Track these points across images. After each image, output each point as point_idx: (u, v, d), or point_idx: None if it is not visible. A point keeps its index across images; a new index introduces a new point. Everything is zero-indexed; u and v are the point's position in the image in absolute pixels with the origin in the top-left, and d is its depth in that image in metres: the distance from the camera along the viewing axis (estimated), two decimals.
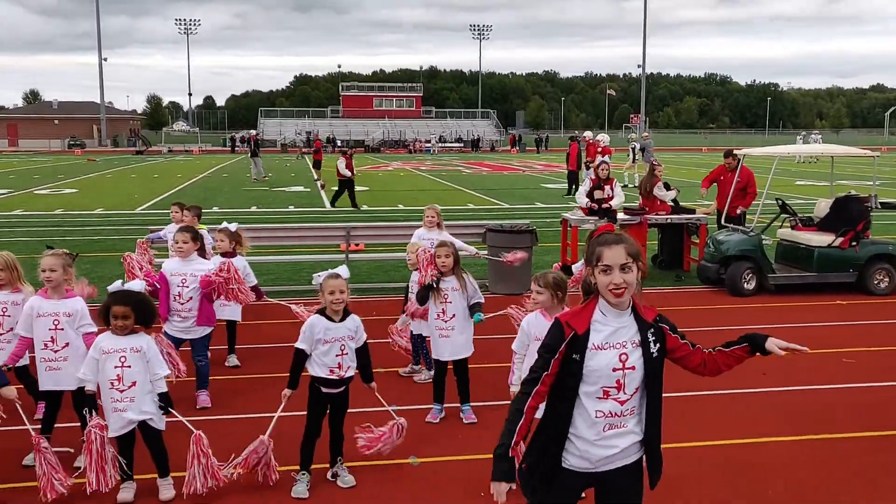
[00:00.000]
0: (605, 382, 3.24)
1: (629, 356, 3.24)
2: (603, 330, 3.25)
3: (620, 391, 3.24)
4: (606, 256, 3.18)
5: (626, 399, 3.26)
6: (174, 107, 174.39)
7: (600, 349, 3.23)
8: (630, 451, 3.36)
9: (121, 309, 5.14)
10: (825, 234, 11.53)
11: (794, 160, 45.36)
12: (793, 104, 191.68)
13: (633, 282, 3.20)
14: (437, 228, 9.15)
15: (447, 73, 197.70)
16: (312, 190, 29.95)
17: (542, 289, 5.38)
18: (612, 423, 3.27)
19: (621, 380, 3.23)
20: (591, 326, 3.25)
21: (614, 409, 3.26)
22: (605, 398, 3.25)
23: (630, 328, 3.27)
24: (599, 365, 3.22)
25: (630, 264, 3.19)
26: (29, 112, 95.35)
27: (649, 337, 3.29)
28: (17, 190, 30.08)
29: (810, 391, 7.50)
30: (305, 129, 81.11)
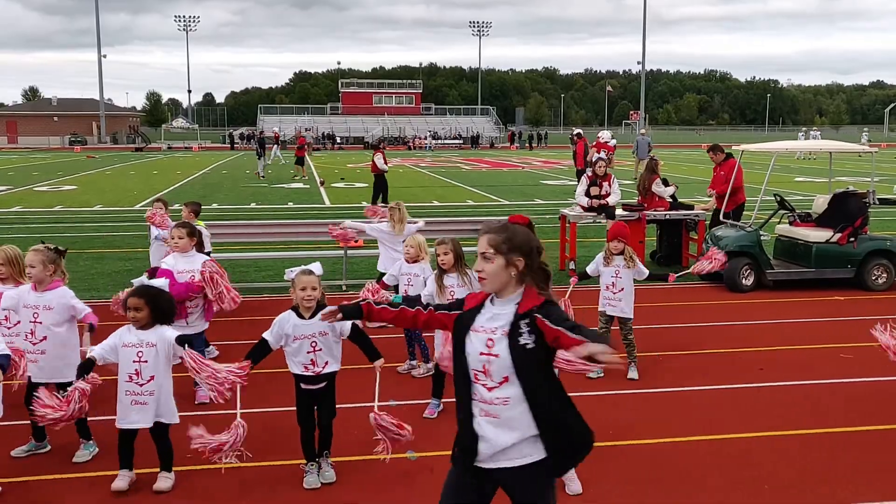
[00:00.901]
0: (474, 365, 3.30)
1: (495, 343, 3.27)
2: (484, 314, 3.35)
3: (487, 377, 3.27)
4: (479, 245, 3.32)
5: (493, 387, 3.27)
6: (174, 104, 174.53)
7: (475, 331, 3.33)
8: (520, 450, 3.29)
9: (134, 300, 5.21)
10: (823, 229, 11.53)
11: (793, 156, 45.36)
12: (793, 101, 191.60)
13: (492, 272, 3.26)
14: (401, 225, 9.35)
15: (447, 69, 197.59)
16: (312, 187, 29.94)
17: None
18: (485, 410, 3.30)
19: (487, 366, 3.27)
20: (478, 308, 3.38)
21: (483, 395, 3.30)
22: (475, 381, 3.32)
23: (506, 317, 3.29)
24: (472, 347, 3.32)
25: (490, 254, 3.25)
26: (28, 109, 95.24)
27: (521, 327, 3.25)
28: (17, 186, 30.08)
29: (808, 386, 7.51)
30: (305, 126, 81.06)
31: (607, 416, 6.70)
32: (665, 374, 7.84)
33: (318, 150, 61.80)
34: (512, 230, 3.32)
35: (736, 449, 6.03)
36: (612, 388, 7.41)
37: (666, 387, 7.47)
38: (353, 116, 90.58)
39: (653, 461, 5.82)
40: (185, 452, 5.76)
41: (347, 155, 59.21)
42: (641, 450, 6.02)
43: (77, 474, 5.58)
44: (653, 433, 6.32)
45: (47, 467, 5.70)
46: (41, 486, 5.43)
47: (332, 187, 29.56)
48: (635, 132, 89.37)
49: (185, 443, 5.06)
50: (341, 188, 29.67)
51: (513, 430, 3.28)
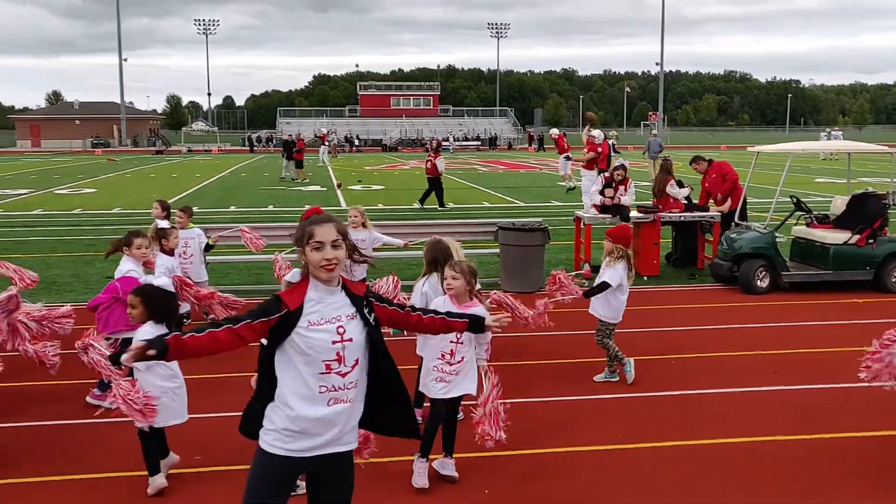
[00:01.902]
0: (325, 356, 3.32)
1: (346, 328, 3.36)
2: (317, 307, 3.37)
3: (341, 363, 3.35)
4: (318, 234, 3.32)
5: (346, 371, 3.37)
6: (194, 107, 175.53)
7: (316, 325, 3.33)
8: (351, 436, 3.49)
9: (130, 298, 5.32)
10: (841, 231, 11.40)
11: (817, 157, 44.96)
12: (814, 101, 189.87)
13: (343, 258, 3.35)
14: (361, 228, 9.31)
15: (465, 71, 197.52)
16: (329, 189, 30.03)
17: (458, 275, 5.40)
18: (337, 398, 3.37)
19: (341, 352, 3.34)
20: (304, 304, 3.36)
21: (337, 382, 3.36)
22: (328, 372, 3.34)
23: (343, 303, 3.41)
24: (318, 340, 3.32)
25: (340, 241, 3.35)
26: (51, 113, 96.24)
27: (364, 309, 3.44)
28: (38, 189, 30.39)
29: (823, 390, 7.42)
30: (324, 129, 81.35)
31: (616, 419, 6.66)
32: (676, 377, 7.78)
33: (340, 153, 61.92)
34: (337, 219, 3.46)
35: (744, 452, 5.97)
36: (620, 392, 7.36)
37: (676, 389, 7.41)
38: (371, 119, 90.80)
39: (659, 465, 5.77)
40: (193, 454, 5.80)
41: (365, 157, 59.35)
42: (647, 453, 5.97)
43: (81, 476, 5.61)
44: (661, 436, 6.26)
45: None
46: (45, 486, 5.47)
47: (348, 190, 29.62)
48: (660, 133, 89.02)
49: (189, 447, 5.10)
50: (358, 190, 29.73)
51: (354, 413, 3.46)
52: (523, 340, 8.96)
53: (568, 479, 5.55)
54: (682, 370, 8.02)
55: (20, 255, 15.01)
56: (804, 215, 12.02)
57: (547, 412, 6.88)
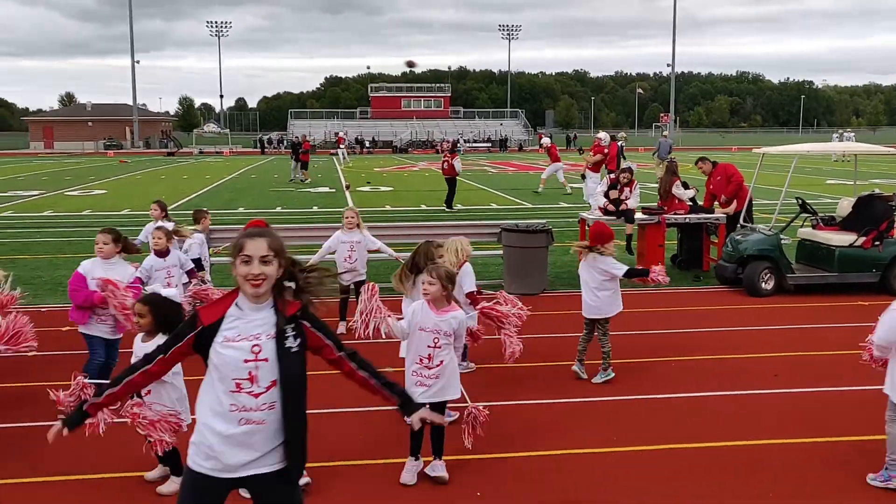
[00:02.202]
0: (236, 375, 3.23)
1: (262, 348, 3.23)
2: (236, 324, 3.26)
3: (253, 384, 3.22)
4: (248, 247, 3.21)
5: (260, 392, 3.23)
6: (206, 108, 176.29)
7: (231, 342, 3.23)
8: (274, 457, 3.31)
9: (139, 307, 5.26)
10: (847, 233, 11.32)
11: (828, 158, 44.68)
12: (828, 102, 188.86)
13: (272, 274, 3.23)
14: (356, 230, 9.29)
15: (477, 73, 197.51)
16: (338, 191, 30.07)
17: (434, 280, 5.37)
18: (247, 418, 3.25)
19: (254, 372, 3.22)
20: (224, 319, 3.26)
21: (248, 402, 3.24)
22: (238, 391, 3.24)
23: (267, 321, 3.27)
24: (231, 357, 3.22)
25: (270, 257, 3.23)
26: (64, 114, 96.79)
27: (287, 331, 3.27)
28: (49, 191, 30.55)
29: (828, 393, 7.36)
30: (334, 130, 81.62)
31: (612, 422, 6.63)
32: (675, 379, 7.74)
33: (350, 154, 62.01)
34: (276, 234, 3.36)
35: (743, 456, 5.92)
36: (614, 395, 7.33)
37: (675, 392, 7.37)
38: (382, 121, 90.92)
39: (652, 468, 5.73)
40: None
41: (375, 159, 59.41)
42: (641, 456, 5.94)
43: (82, 476, 5.62)
44: (656, 439, 6.22)
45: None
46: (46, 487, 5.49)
47: (357, 191, 29.65)
48: (669, 135, 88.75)
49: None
50: (366, 192, 29.76)
51: (270, 435, 3.29)
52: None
53: (561, 482, 5.53)
54: (681, 373, 7.97)
55: (28, 256, 15.11)
56: (810, 217, 11.94)
57: (542, 414, 6.85)
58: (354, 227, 9.31)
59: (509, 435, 6.33)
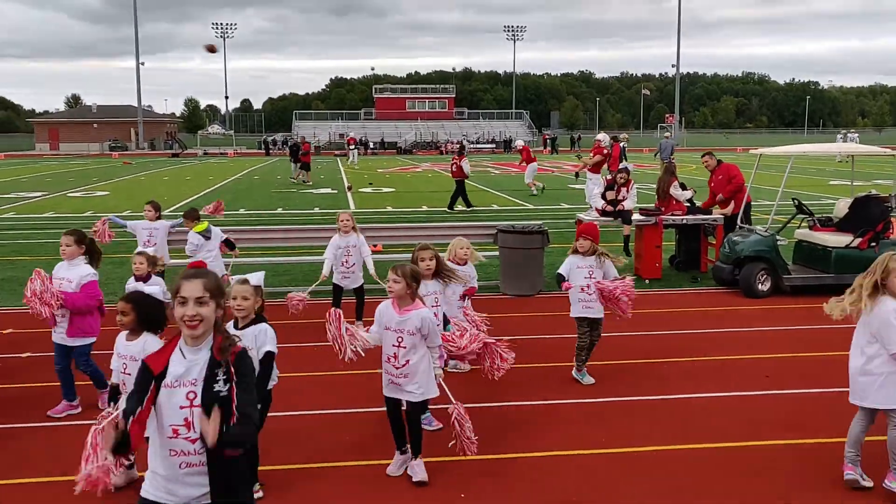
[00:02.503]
0: (174, 420, 3.21)
1: (197, 394, 3.21)
2: (177, 368, 3.25)
3: (190, 430, 3.21)
4: (184, 289, 3.22)
5: (196, 438, 3.19)
6: (212, 110, 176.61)
7: (172, 387, 3.22)
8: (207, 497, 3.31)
9: (121, 304, 5.26)
10: (843, 234, 11.29)
11: (832, 159, 44.54)
12: (833, 102, 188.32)
13: (208, 316, 3.23)
14: (352, 233, 9.29)
15: (482, 74, 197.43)
16: (339, 192, 30.09)
17: (399, 278, 5.38)
18: (188, 462, 3.24)
19: (189, 418, 3.20)
20: (169, 364, 3.25)
21: (186, 447, 3.23)
22: (175, 437, 3.22)
23: (201, 364, 3.26)
24: (170, 402, 3.20)
25: (206, 298, 3.22)
26: (69, 116, 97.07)
27: (218, 374, 3.24)
28: (52, 192, 30.64)
29: (817, 394, 7.35)
30: (339, 132, 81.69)
31: (601, 423, 6.62)
32: (666, 381, 7.73)
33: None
34: (213, 275, 3.35)
35: (735, 457, 5.92)
36: (602, 396, 7.32)
37: (664, 394, 7.36)
38: (386, 122, 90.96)
39: (639, 469, 5.73)
40: None
41: (379, 160, 59.43)
42: (628, 457, 5.94)
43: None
44: (644, 441, 6.22)
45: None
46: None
47: (359, 192, 29.67)
48: (672, 136, 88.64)
49: None
50: (368, 193, 29.77)
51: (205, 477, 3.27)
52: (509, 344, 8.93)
53: (552, 483, 5.53)
54: (672, 374, 7.96)
55: (27, 258, 15.15)
56: (807, 218, 11.92)
57: (534, 415, 6.85)
58: (350, 230, 9.29)
59: (501, 436, 6.33)
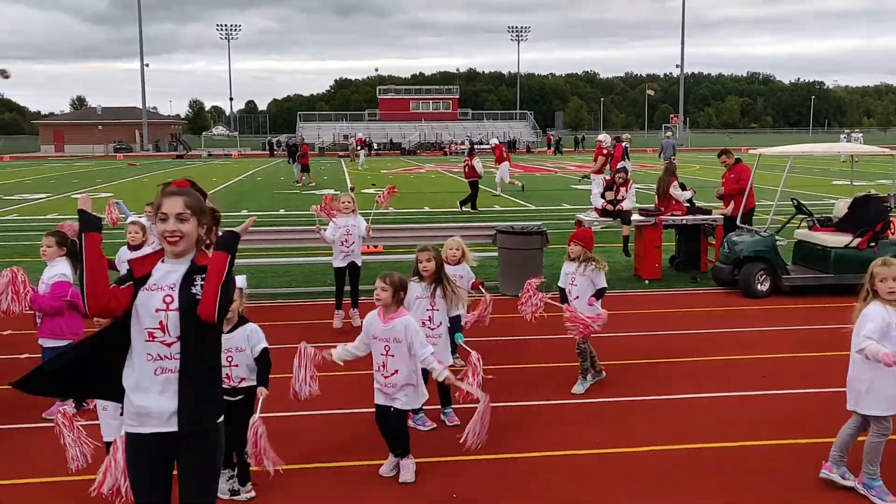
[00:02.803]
0: (149, 324, 3.31)
1: (174, 298, 3.32)
2: (156, 276, 3.36)
3: (164, 333, 3.31)
4: (165, 205, 3.33)
5: (172, 342, 3.32)
6: (216, 111, 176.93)
7: (150, 290, 3.33)
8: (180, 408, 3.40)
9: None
10: (843, 234, 11.28)
11: (837, 159, 44.44)
12: (839, 102, 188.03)
13: (189, 232, 3.33)
14: (352, 214, 9.69)
15: (486, 74, 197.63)
16: (343, 192, 30.05)
17: (387, 286, 5.41)
18: (163, 368, 3.33)
19: (163, 321, 3.31)
20: (152, 273, 3.37)
21: (162, 352, 3.32)
22: (151, 340, 3.32)
23: (179, 272, 3.37)
24: (147, 305, 3.31)
25: (187, 215, 3.32)
26: (74, 118, 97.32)
27: (196, 280, 3.35)
28: (55, 194, 30.76)
29: (814, 394, 7.34)
30: (343, 133, 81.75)
31: (597, 424, 6.62)
32: (663, 382, 7.73)
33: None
34: (195, 193, 3.43)
35: (730, 458, 5.91)
36: (602, 397, 7.32)
37: (660, 394, 7.36)
38: (390, 123, 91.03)
39: (632, 469, 5.73)
40: None
41: (382, 161, 59.47)
42: (622, 458, 5.94)
43: (81, 478, 5.66)
44: (638, 441, 6.22)
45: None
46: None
47: (361, 193, 29.67)
48: (674, 135, 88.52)
49: None
50: (371, 193, 29.76)
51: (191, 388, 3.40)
52: (509, 344, 8.96)
53: (543, 483, 5.53)
54: (672, 374, 7.96)
55: (29, 259, 15.18)
56: (806, 218, 11.90)
57: (532, 416, 6.85)
58: (350, 212, 9.67)
59: (501, 436, 6.32)
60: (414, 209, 24.08)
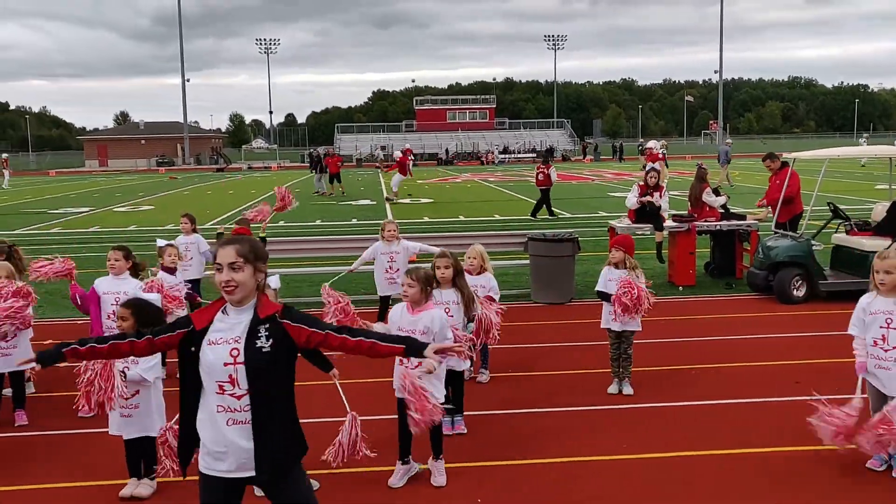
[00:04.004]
0: (219, 377, 3.34)
1: (240, 351, 3.34)
2: (220, 327, 3.38)
3: (234, 386, 3.35)
4: (219, 256, 3.36)
5: (242, 394, 3.36)
6: (256, 125, 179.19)
7: (214, 344, 3.36)
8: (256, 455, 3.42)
9: (120, 310, 5.40)
10: (881, 238, 11.06)
11: (881, 163, 43.61)
12: (884, 105, 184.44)
13: (243, 281, 3.34)
14: (395, 241, 9.45)
15: (523, 84, 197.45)
16: (379, 203, 30.32)
17: (414, 282, 5.44)
18: (234, 420, 3.36)
19: (233, 374, 3.35)
20: (211, 324, 3.40)
21: (232, 404, 3.35)
22: (221, 393, 3.35)
23: (243, 324, 3.39)
24: (214, 359, 3.34)
25: (240, 264, 3.33)
26: (118, 133, 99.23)
27: (260, 332, 3.37)
28: (98, 208, 31.36)
29: (846, 401, 7.20)
30: (380, 144, 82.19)
31: (624, 429, 6.59)
32: (693, 387, 7.66)
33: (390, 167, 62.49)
34: (252, 240, 3.49)
35: (746, 464, 5.84)
36: (634, 403, 7.28)
37: (689, 400, 7.30)
38: (427, 133, 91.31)
39: (658, 475, 5.69)
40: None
41: (419, 171, 59.66)
42: (649, 463, 5.89)
43: (81, 483, 5.77)
44: (665, 447, 6.17)
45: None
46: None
47: (397, 203, 29.85)
48: (714, 142, 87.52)
49: None
50: (407, 203, 29.94)
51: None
52: (529, 352, 8.94)
53: (562, 489, 5.52)
54: (701, 381, 7.89)
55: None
56: (843, 222, 11.71)
57: (560, 422, 6.83)
58: (394, 239, 9.49)
59: (524, 442, 6.33)
60: (450, 219, 24.13)
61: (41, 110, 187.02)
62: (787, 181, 11.82)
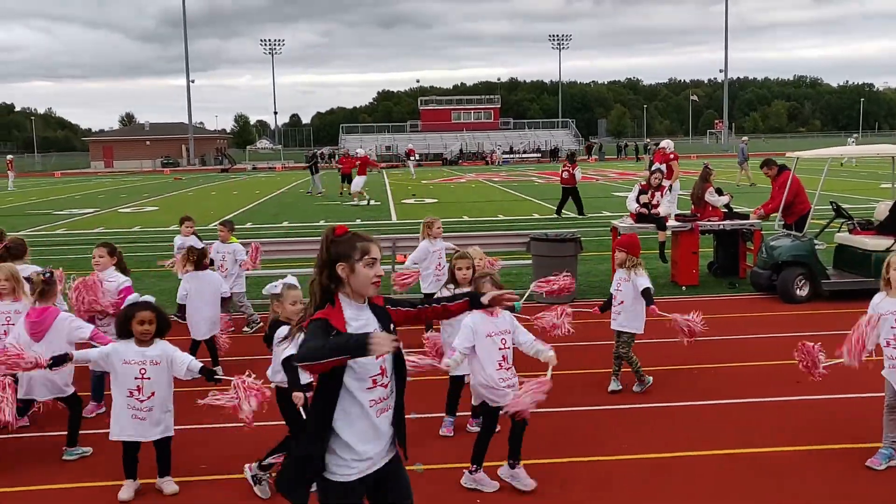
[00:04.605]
0: (372, 372, 3.38)
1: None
2: (357, 323, 3.40)
3: (384, 376, 3.43)
4: (374, 250, 3.43)
5: (388, 382, 3.46)
6: (261, 125, 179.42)
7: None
8: (391, 438, 3.54)
9: (147, 314, 5.38)
10: (884, 237, 11.05)
11: (884, 162, 43.52)
12: (889, 104, 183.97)
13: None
14: (439, 238, 9.51)
15: (528, 84, 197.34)
16: (383, 203, 30.34)
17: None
18: (383, 409, 3.43)
19: (384, 366, 3.42)
20: (347, 324, 3.38)
21: (382, 394, 3.42)
22: (374, 387, 3.39)
23: (369, 315, 3.48)
24: (367, 357, 3.26)
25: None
26: (123, 134, 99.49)
27: (383, 319, 3.50)
28: (103, 209, 31.45)
29: (848, 400, 7.22)
30: (385, 144, 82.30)
31: (626, 430, 6.59)
32: (695, 387, 7.66)
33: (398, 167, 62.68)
34: None
35: (741, 464, 5.85)
36: (636, 402, 7.28)
37: (691, 400, 7.31)
38: (431, 133, 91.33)
39: (660, 476, 5.69)
40: (199, 463, 5.95)
41: (423, 171, 59.70)
42: (649, 464, 5.90)
43: (81, 484, 5.79)
44: (666, 448, 6.18)
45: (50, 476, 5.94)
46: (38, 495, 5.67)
47: (401, 203, 29.88)
48: (719, 142, 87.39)
49: (197, 453, 5.22)
50: (411, 204, 29.96)
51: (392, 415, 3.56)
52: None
53: (563, 489, 5.53)
54: (703, 380, 7.89)
55: (74, 272, 15.55)
56: (845, 221, 11.69)
57: (563, 422, 6.84)
58: (438, 236, 9.55)
59: (524, 441, 6.32)
60: (454, 219, 24.12)
61: (46, 112, 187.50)
62: (787, 187, 11.82)
